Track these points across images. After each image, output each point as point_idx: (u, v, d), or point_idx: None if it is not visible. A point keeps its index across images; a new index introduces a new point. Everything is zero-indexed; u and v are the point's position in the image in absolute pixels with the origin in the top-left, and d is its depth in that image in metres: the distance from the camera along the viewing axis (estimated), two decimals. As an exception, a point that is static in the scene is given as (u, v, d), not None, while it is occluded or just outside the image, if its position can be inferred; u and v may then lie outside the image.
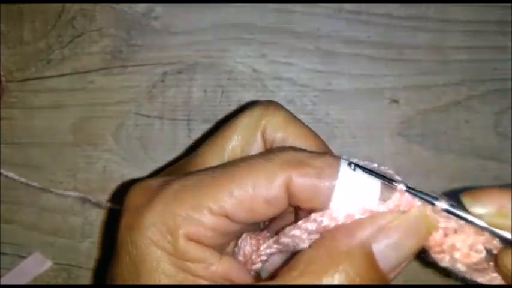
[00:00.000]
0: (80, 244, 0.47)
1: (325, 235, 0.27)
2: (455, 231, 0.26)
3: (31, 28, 0.47)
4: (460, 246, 0.26)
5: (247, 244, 0.30)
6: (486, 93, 0.45)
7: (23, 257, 0.47)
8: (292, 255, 0.28)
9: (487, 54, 0.45)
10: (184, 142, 0.46)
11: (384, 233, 0.26)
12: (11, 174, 0.46)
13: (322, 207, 0.27)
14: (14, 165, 0.47)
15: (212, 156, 0.31)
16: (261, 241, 0.30)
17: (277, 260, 0.31)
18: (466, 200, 0.26)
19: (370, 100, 0.45)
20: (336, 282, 0.25)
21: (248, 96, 0.46)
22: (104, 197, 0.46)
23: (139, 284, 0.26)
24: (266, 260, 0.30)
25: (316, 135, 0.32)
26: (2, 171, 0.46)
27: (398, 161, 0.45)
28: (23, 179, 0.46)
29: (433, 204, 0.26)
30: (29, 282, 0.47)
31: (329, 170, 0.26)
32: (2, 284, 0.46)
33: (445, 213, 0.26)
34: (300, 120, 0.32)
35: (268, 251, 0.29)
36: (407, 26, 0.45)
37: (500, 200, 0.26)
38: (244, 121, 0.31)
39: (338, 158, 0.27)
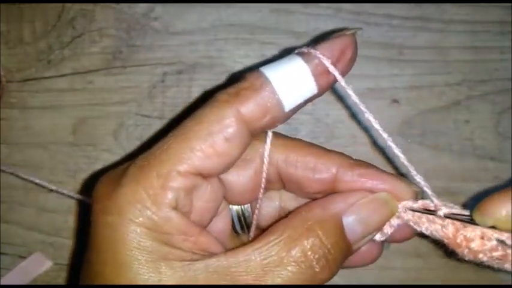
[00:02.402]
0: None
1: (302, 206, 0.30)
2: (464, 226, 0.28)
3: (31, 28, 0.47)
4: (472, 236, 0.28)
5: None
6: (486, 93, 0.45)
7: (23, 257, 0.47)
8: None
9: (487, 54, 0.45)
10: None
11: (353, 209, 0.30)
12: (9, 170, 0.46)
13: (279, 114, 0.29)
14: (14, 166, 0.47)
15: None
16: None
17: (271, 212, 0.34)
18: (477, 217, 0.27)
19: (370, 100, 0.45)
20: (308, 246, 0.28)
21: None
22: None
23: (118, 262, 0.26)
24: None
25: None
26: (3, 168, 0.46)
27: (398, 161, 0.45)
28: (26, 177, 0.46)
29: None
30: (29, 283, 0.47)
31: (259, 80, 0.28)
32: (2, 284, 0.46)
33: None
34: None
35: None
36: (407, 26, 0.45)
37: (505, 205, 0.26)
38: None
39: (256, 69, 0.29)
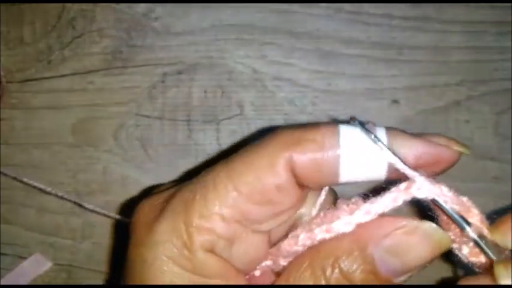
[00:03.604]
0: (80, 245, 0.47)
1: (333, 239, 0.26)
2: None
3: (31, 28, 0.47)
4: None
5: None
6: (486, 93, 0.45)
7: (23, 258, 0.47)
8: None
9: (487, 54, 0.45)
10: (184, 142, 0.46)
11: (387, 239, 0.25)
12: (11, 174, 0.46)
13: (331, 181, 0.26)
14: (15, 166, 0.47)
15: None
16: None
17: None
18: (496, 236, 0.25)
19: (370, 100, 0.45)
20: (333, 281, 0.25)
21: (248, 97, 0.46)
22: (104, 198, 0.46)
23: None
24: None
25: None
26: (2, 170, 0.46)
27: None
28: (25, 179, 0.46)
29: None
30: (29, 283, 0.47)
31: (330, 140, 0.25)
32: (2, 284, 0.46)
33: None
34: None
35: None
36: (407, 26, 0.45)
37: None
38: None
39: (336, 125, 0.26)
